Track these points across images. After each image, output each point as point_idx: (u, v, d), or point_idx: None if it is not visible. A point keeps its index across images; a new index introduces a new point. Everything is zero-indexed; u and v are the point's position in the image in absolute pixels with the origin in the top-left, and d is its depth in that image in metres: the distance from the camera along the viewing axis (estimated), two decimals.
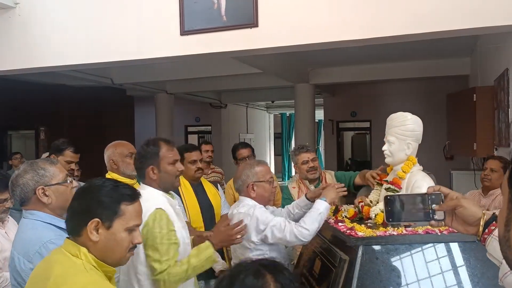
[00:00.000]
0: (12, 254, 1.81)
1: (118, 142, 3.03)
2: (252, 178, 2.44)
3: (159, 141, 2.22)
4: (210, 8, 3.76)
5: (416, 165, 2.26)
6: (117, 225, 1.45)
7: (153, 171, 2.14)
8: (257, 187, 2.44)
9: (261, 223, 2.31)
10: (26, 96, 8.42)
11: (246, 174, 2.46)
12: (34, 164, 1.93)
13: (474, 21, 3.17)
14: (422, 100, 9.25)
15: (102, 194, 1.45)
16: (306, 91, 8.63)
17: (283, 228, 2.26)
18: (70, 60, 4.34)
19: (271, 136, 16.89)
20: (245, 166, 2.55)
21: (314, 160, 3.40)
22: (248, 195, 2.45)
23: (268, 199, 2.50)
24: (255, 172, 2.46)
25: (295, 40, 3.63)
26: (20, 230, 1.89)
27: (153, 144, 2.20)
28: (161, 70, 7.94)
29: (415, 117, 2.24)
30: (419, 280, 1.88)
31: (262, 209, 2.40)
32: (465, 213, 1.26)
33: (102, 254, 1.43)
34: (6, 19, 4.45)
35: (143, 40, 4.03)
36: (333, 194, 2.40)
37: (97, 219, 1.42)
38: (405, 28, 3.35)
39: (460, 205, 1.26)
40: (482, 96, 4.99)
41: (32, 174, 1.88)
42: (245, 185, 2.45)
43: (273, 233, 2.27)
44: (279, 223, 2.28)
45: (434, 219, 1.28)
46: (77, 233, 1.44)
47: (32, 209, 1.87)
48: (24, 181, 1.87)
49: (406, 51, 6.68)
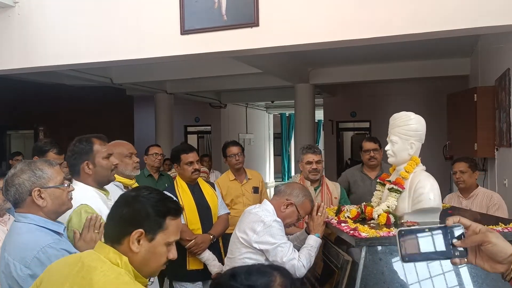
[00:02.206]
0: (6, 260, 1.70)
1: (117, 141, 3.00)
2: (296, 200, 2.43)
3: (92, 137, 2.30)
4: (210, 8, 3.75)
5: (419, 165, 2.24)
6: (159, 238, 1.40)
7: (88, 166, 2.21)
8: (290, 210, 2.43)
9: (272, 237, 2.29)
10: (25, 95, 8.40)
11: (296, 194, 2.46)
12: (32, 164, 1.84)
13: (475, 21, 3.17)
14: (422, 100, 9.25)
15: (150, 206, 1.40)
16: (306, 91, 8.62)
17: (288, 255, 2.25)
18: (70, 59, 4.32)
19: (270, 136, 16.89)
20: (303, 189, 2.54)
21: (318, 163, 3.44)
22: (279, 205, 2.44)
23: (287, 225, 2.48)
24: (301, 201, 2.44)
25: (296, 40, 3.63)
26: (13, 234, 1.79)
27: (86, 140, 2.27)
28: (161, 70, 7.93)
29: (419, 116, 2.23)
30: (422, 280, 1.86)
31: (279, 224, 2.37)
32: (493, 250, 1.09)
33: (138, 265, 1.39)
34: (5, 18, 4.44)
35: (143, 39, 4.01)
36: (317, 226, 2.42)
37: (141, 230, 1.37)
38: (406, 28, 3.35)
39: (488, 241, 1.09)
40: (483, 96, 4.98)
41: (29, 175, 1.80)
42: (285, 196, 2.45)
43: (276, 253, 2.27)
44: (287, 248, 2.28)
45: (456, 256, 1.11)
46: (118, 241, 1.39)
47: (25, 212, 1.79)
48: (20, 181, 1.78)
49: (406, 51, 6.68)
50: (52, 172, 1.85)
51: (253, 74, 7.27)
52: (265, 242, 2.29)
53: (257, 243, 2.30)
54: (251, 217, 2.39)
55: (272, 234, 2.29)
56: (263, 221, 2.32)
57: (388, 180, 2.39)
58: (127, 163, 2.89)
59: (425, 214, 2.16)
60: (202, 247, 3.16)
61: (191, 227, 3.23)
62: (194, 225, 3.24)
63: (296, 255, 2.27)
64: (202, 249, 3.16)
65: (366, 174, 3.90)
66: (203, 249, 3.17)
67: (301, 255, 2.28)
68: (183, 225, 3.22)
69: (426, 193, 2.12)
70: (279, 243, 2.27)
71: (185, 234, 3.18)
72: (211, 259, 3.18)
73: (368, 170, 3.91)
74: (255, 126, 15.33)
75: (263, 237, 2.29)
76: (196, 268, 3.21)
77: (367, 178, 3.87)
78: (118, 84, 8.44)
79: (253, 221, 2.35)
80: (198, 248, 3.15)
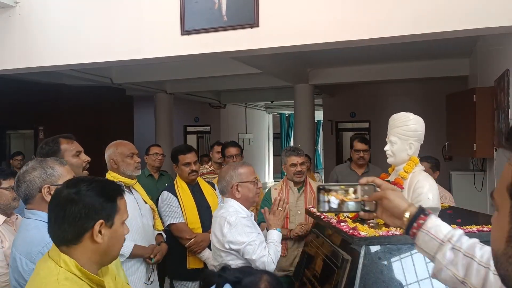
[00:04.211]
0: (13, 254, 1.79)
1: (119, 141, 3.01)
2: (236, 179, 2.45)
3: (58, 137, 2.36)
4: (210, 8, 3.76)
5: (418, 165, 2.25)
6: (117, 221, 1.43)
7: None
8: (241, 188, 2.44)
9: (240, 235, 2.32)
10: (25, 95, 8.40)
11: (230, 175, 2.47)
12: (43, 162, 1.92)
13: (475, 22, 3.18)
14: (421, 101, 9.26)
15: (99, 195, 1.38)
16: (305, 91, 8.63)
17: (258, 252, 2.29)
18: (71, 59, 4.33)
19: (269, 136, 16.90)
20: (229, 167, 2.55)
21: (302, 165, 3.49)
22: (233, 196, 2.45)
23: (253, 199, 2.51)
24: (239, 173, 2.46)
25: (296, 40, 3.63)
26: (22, 230, 1.88)
27: (52, 141, 2.34)
28: (161, 70, 7.94)
29: (418, 117, 2.24)
30: (421, 280, 1.88)
31: (245, 220, 2.39)
32: (390, 206, 1.25)
33: (103, 254, 1.40)
34: (6, 18, 4.45)
35: (143, 40, 4.02)
36: (278, 221, 2.47)
37: (101, 221, 1.37)
38: (406, 29, 3.36)
39: (385, 197, 1.25)
40: (482, 96, 4.99)
41: (40, 172, 1.88)
42: (229, 186, 2.46)
43: (247, 252, 2.29)
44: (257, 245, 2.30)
45: (364, 210, 1.28)
46: (76, 240, 1.36)
47: (35, 209, 1.87)
48: (31, 178, 1.86)
49: (406, 51, 6.69)
50: (62, 171, 1.93)
51: (253, 74, 7.28)
52: (234, 242, 2.31)
53: (228, 243, 2.32)
54: (218, 221, 2.41)
55: (239, 232, 2.32)
56: (229, 222, 2.34)
57: (387, 180, 2.40)
58: (128, 163, 2.90)
59: None
60: (202, 246, 3.17)
61: (191, 226, 3.24)
62: (194, 224, 3.26)
63: (266, 251, 2.30)
64: (202, 247, 3.17)
65: (354, 171, 4.26)
66: (203, 248, 3.18)
67: (270, 250, 2.32)
68: (183, 224, 3.23)
69: (425, 193, 2.13)
70: (248, 241, 2.30)
71: (185, 233, 3.19)
72: (211, 258, 3.19)
73: (356, 167, 4.29)
74: (254, 126, 15.35)
75: (232, 237, 2.31)
76: (196, 267, 3.22)
77: (354, 174, 4.20)
78: (118, 84, 8.44)
79: (220, 224, 2.37)
80: (198, 247, 3.16)
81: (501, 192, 0.72)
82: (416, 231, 1.22)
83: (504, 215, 0.70)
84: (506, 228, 0.69)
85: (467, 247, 1.14)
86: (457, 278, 1.14)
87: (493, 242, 0.75)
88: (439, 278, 1.19)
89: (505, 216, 0.70)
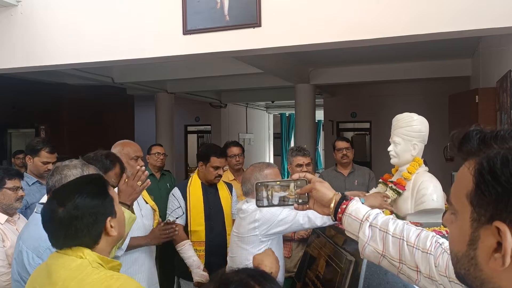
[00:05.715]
0: (20, 247, 1.77)
1: (127, 141, 2.97)
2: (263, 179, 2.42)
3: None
4: (213, 8, 3.75)
5: (422, 166, 2.25)
6: (117, 208, 1.51)
7: None
8: None
9: (273, 215, 2.29)
10: (26, 94, 8.38)
11: (255, 177, 2.44)
12: (85, 166, 1.92)
13: (477, 23, 3.17)
14: (422, 101, 9.24)
15: (96, 197, 1.43)
16: (306, 91, 8.62)
17: (293, 214, 2.25)
18: (72, 59, 4.32)
19: (270, 136, 16.88)
20: (254, 169, 2.52)
21: (308, 165, 3.48)
22: None
23: None
24: (265, 175, 2.44)
25: (299, 40, 3.62)
26: (31, 224, 1.86)
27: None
28: (162, 69, 7.93)
29: (422, 117, 2.23)
30: None
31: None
32: (318, 195, 1.38)
33: (116, 240, 1.50)
34: (8, 17, 4.44)
35: (145, 39, 4.01)
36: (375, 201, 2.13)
37: (109, 217, 1.45)
38: (408, 29, 3.35)
39: (314, 188, 1.38)
40: (485, 97, 4.99)
41: (78, 172, 1.87)
42: None
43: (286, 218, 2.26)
44: (288, 214, 2.27)
45: (298, 203, 1.39)
46: (96, 244, 1.42)
47: None
48: (67, 173, 1.86)
49: (407, 52, 6.68)
50: None
51: (254, 74, 7.27)
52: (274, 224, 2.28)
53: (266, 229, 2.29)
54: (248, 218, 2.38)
55: (271, 214, 2.29)
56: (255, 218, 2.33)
57: (390, 180, 2.40)
58: (132, 165, 2.87)
59: (428, 215, 2.17)
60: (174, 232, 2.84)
61: (194, 227, 3.21)
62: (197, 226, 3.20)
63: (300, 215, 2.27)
64: (174, 233, 2.84)
65: (340, 172, 4.34)
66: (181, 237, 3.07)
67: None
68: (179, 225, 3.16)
69: (429, 194, 2.13)
70: (281, 218, 2.28)
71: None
72: (194, 266, 3.09)
73: (341, 168, 4.35)
74: (255, 126, 15.33)
75: (267, 223, 2.29)
76: None
77: (340, 175, 4.31)
78: (119, 83, 8.43)
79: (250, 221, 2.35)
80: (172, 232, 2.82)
81: (460, 198, 0.74)
82: (341, 215, 1.35)
83: (465, 220, 0.73)
84: (467, 232, 0.72)
85: (382, 222, 1.29)
86: (378, 252, 1.27)
87: (452, 244, 0.79)
88: (365, 256, 1.32)
89: (466, 221, 0.73)
